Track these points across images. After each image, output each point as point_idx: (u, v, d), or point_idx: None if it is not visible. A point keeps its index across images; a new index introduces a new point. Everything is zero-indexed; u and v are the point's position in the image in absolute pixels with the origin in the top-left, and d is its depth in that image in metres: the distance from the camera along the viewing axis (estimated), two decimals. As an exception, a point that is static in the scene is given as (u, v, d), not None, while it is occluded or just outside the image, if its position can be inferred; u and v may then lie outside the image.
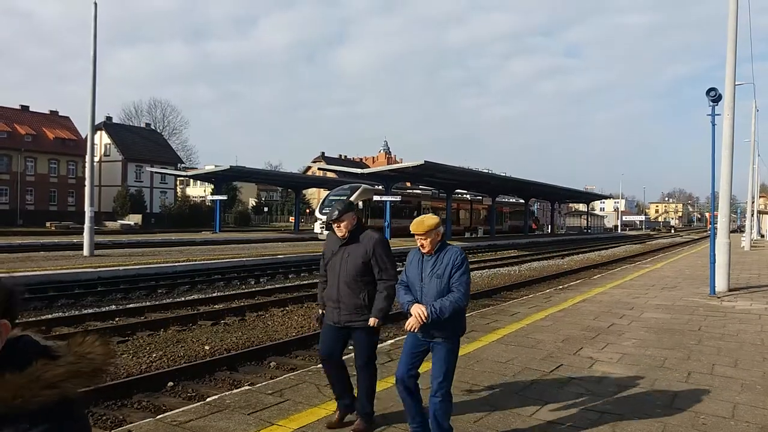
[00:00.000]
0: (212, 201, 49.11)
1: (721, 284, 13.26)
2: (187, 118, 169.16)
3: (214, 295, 14.04)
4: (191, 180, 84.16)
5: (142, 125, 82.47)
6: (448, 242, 4.32)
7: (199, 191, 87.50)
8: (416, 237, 4.20)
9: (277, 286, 15.84)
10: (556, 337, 8.11)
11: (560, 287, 14.81)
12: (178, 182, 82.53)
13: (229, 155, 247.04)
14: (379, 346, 7.56)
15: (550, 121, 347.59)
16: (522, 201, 65.15)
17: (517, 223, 64.91)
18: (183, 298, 13.54)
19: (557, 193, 64.14)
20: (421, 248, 4.21)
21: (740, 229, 65.34)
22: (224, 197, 48.54)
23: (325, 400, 5.22)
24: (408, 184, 53.69)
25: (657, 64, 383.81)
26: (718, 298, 12.50)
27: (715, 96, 12.74)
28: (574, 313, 10.34)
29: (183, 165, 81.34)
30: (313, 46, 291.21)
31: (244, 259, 20.52)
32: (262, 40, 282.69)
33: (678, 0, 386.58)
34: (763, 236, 61.65)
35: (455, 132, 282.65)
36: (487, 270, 21.98)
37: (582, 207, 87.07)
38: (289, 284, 16.28)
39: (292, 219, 64.12)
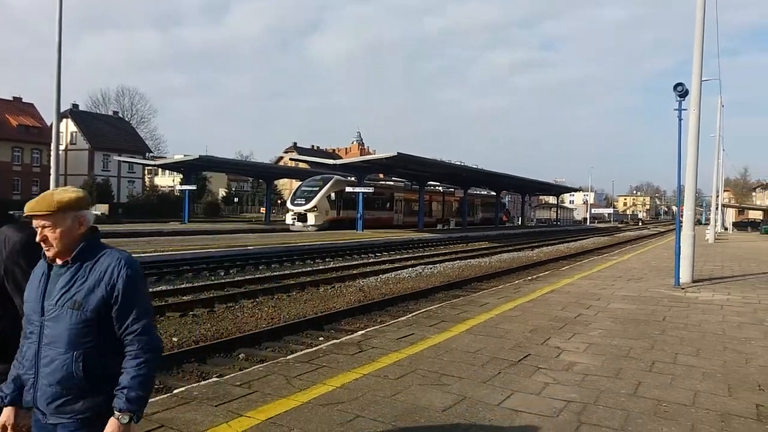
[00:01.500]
0: (181, 191, 48.48)
1: (685, 276, 13.55)
2: (156, 106, 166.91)
3: (183, 286, 13.86)
4: (160, 169, 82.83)
5: (110, 113, 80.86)
6: (108, 245, 2.51)
7: (167, 181, 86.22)
8: (35, 225, 2.35)
9: (247, 277, 15.71)
10: (525, 327, 8.20)
11: (530, 278, 14.98)
12: (146, 172, 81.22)
13: (198, 145, 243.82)
14: (349, 337, 7.60)
15: (524, 115, 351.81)
16: (493, 193, 65.75)
17: (489, 215, 65.54)
18: (150, 289, 13.32)
19: (528, 186, 64.92)
20: (45, 251, 2.36)
21: (700, 222, 67.06)
22: (193, 187, 47.93)
23: (294, 391, 5.20)
24: (381, 176, 53.71)
25: (632, 59, 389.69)
26: (683, 289, 12.78)
27: (681, 91, 12.96)
28: (543, 303, 10.47)
29: (151, 154, 79.94)
30: (287, 34, 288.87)
31: (214, 250, 20.30)
32: (235, 27, 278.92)
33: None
34: (726, 229, 63.32)
35: (429, 124, 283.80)
36: (458, 261, 22.15)
37: (552, 199, 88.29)
38: (260, 276, 16.16)
39: (263, 210, 63.64)
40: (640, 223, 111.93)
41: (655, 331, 8.19)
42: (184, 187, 46.28)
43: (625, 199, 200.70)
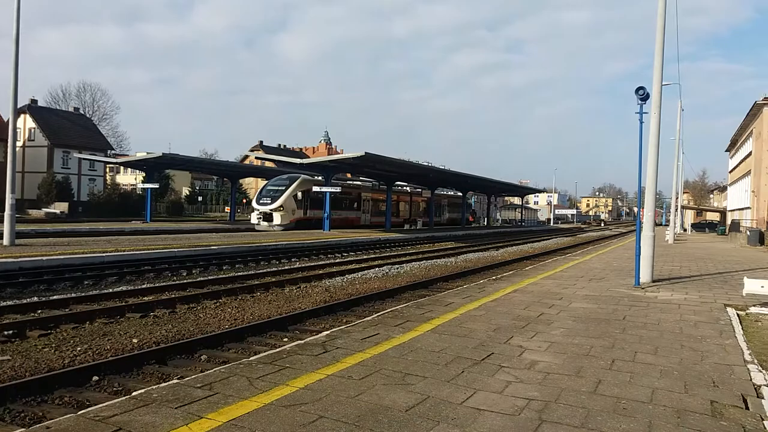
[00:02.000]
0: (143, 189, 47.52)
1: (645, 276, 13.86)
2: (118, 102, 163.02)
3: (144, 286, 13.58)
4: (122, 167, 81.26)
5: (70, 109, 78.72)
6: None
7: (129, 179, 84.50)
8: None
9: (210, 277, 15.48)
10: (489, 327, 8.27)
11: (494, 278, 15.12)
12: (107, 169, 79.43)
13: (162, 142, 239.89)
14: (313, 337, 7.55)
15: (490, 116, 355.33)
16: (460, 194, 66.26)
17: (455, 216, 66.01)
18: (111, 290, 13.03)
19: (493, 187, 65.56)
20: None
21: (660, 223, 68.79)
22: (156, 185, 47.00)
23: (256, 392, 5.14)
24: (348, 176, 53.58)
25: (594, 62, 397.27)
26: (642, 288, 13.07)
27: (643, 95, 13.26)
28: (506, 303, 10.58)
29: (113, 152, 78.20)
30: (253, 32, 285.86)
31: (176, 249, 19.95)
32: (200, 23, 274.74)
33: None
34: (685, 230, 65.05)
35: (397, 124, 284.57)
36: (425, 261, 22.24)
37: (517, 200, 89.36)
38: (223, 276, 15.93)
39: (227, 209, 62.89)
40: (603, 224, 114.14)
41: (615, 330, 8.35)
42: (147, 185, 45.36)
43: (588, 200, 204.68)
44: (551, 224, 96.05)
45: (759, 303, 10.89)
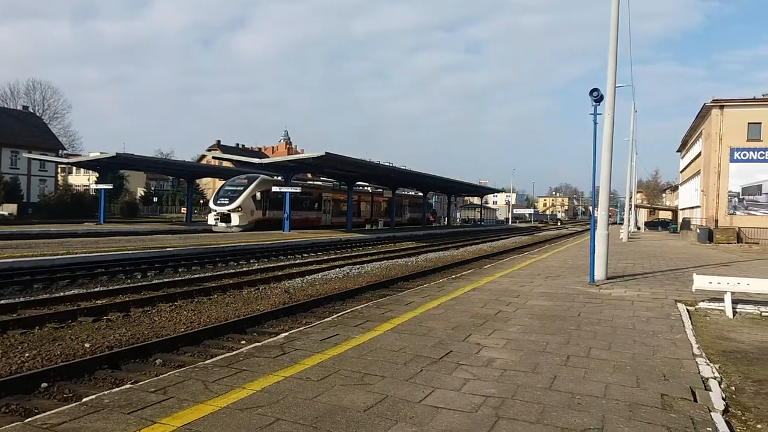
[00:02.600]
0: (97, 190, 46.22)
1: (599, 273, 14.18)
2: (70, 101, 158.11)
3: (97, 289, 13.21)
4: (74, 168, 78.78)
5: (19, 108, 75.95)
6: None
7: (82, 180, 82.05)
8: None
9: (165, 280, 15.13)
10: (447, 325, 8.33)
11: (453, 277, 15.25)
12: (59, 170, 76.93)
13: (116, 142, 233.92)
14: (271, 339, 7.46)
15: (451, 117, 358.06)
16: (421, 194, 66.63)
17: (416, 215, 66.34)
18: (62, 294, 12.62)
19: (453, 187, 66.17)
20: None
21: (615, 222, 70.59)
22: (110, 186, 45.78)
23: (212, 396, 5.05)
24: (309, 176, 53.26)
25: (552, 64, 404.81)
26: (597, 286, 13.37)
27: (597, 96, 13.56)
28: (465, 301, 10.68)
29: (65, 152, 75.72)
30: (210, 30, 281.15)
31: (131, 251, 19.47)
32: (156, 20, 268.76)
33: (570, 2, 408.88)
34: (639, 228, 66.89)
35: (359, 124, 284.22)
36: (386, 261, 22.26)
37: (476, 200, 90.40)
38: (179, 278, 15.60)
39: (184, 210, 61.62)
40: (559, 223, 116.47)
41: (570, 327, 8.51)
42: (100, 186, 44.15)
43: (545, 199, 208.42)
44: (509, 223, 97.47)
45: (707, 298, 11.27)
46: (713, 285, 10.95)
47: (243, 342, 8.84)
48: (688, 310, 10.41)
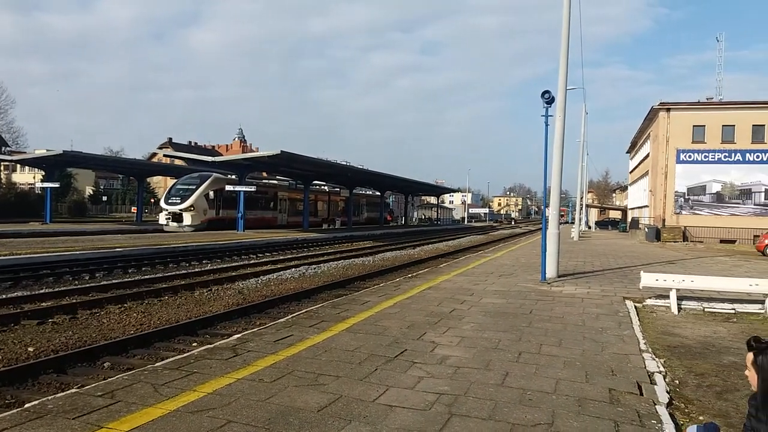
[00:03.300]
0: (42, 189, 44.59)
1: (551, 271, 14.48)
2: (14, 96, 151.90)
3: (42, 291, 12.73)
4: (18, 165, 75.60)
5: (-42, 102, 72.56)
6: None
7: (27, 178, 78.88)
8: None
9: (114, 281, 14.71)
10: (403, 324, 8.36)
11: (410, 276, 15.33)
12: (2, 167, 73.86)
13: (63, 139, 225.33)
14: (224, 341, 7.34)
15: (408, 117, 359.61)
16: (378, 193, 66.71)
17: (374, 215, 66.42)
18: (4, 296, 12.11)
19: (411, 187, 66.55)
20: None
21: (567, 221, 72.22)
22: (56, 185, 44.23)
23: (161, 399, 4.93)
24: (264, 175, 52.63)
25: (506, 66, 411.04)
26: (548, 283, 13.65)
27: (548, 98, 13.83)
28: (421, 300, 10.74)
29: (8, 149, 72.77)
30: (163, 25, 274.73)
31: (78, 252, 18.85)
32: (105, 14, 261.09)
33: (525, 4, 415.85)
34: (590, 227, 68.61)
35: (316, 123, 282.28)
36: (343, 260, 22.20)
37: (433, 200, 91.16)
38: (129, 279, 15.19)
39: (134, 209, 60.05)
40: (513, 222, 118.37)
41: (522, 324, 8.66)
42: (46, 184, 42.59)
43: (500, 199, 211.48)
44: (465, 223, 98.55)
45: (654, 295, 11.64)
46: (659, 282, 11.33)
47: (194, 344, 8.66)
48: (635, 307, 10.73)
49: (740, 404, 5.55)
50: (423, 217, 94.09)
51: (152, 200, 73.68)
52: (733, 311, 10.79)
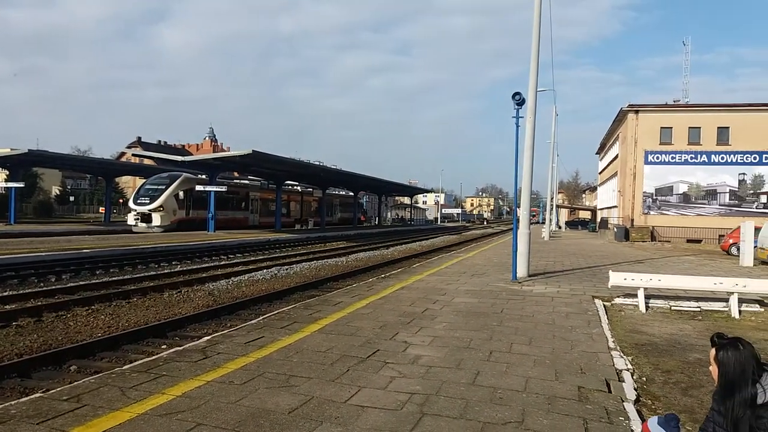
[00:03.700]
0: (6, 189, 43.49)
1: (522, 271, 14.63)
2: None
3: (5, 294, 12.40)
4: (-19, 165, 73.72)
5: None
6: None
7: (-9, 178, 76.98)
8: None
9: (81, 283, 14.40)
10: (375, 324, 8.36)
11: (383, 276, 15.33)
12: (-36, 167, 71.87)
13: (29, 138, 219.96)
14: (193, 343, 7.25)
15: (381, 117, 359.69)
16: (352, 193, 66.57)
17: (347, 215, 66.27)
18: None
19: (384, 187, 66.55)
20: None
21: (538, 221, 73.06)
22: (21, 185, 43.15)
23: (129, 402, 4.85)
24: (236, 175, 52.09)
25: (478, 67, 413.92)
26: (519, 283, 13.79)
27: (519, 100, 13.97)
28: (393, 300, 10.75)
29: (-30, 148, 70.90)
30: (131, 22, 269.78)
31: (44, 253, 18.42)
32: (72, 10, 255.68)
33: (497, 6, 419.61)
34: (560, 227, 69.51)
35: (289, 122, 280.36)
36: (315, 261, 22.10)
37: (407, 200, 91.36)
38: (96, 281, 14.90)
39: (102, 210, 58.95)
40: (485, 223, 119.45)
41: (493, 323, 8.73)
42: (11, 184, 41.56)
43: (473, 200, 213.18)
44: (438, 223, 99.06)
45: (622, 294, 11.84)
46: (628, 281, 11.52)
47: (163, 346, 8.54)
48: (604, 306, 10.90)
49: (704, 400, 5.67)
50: (396, 217, 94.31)
51: (121, 200, 72.34)
52: (698, 309, 11.03)
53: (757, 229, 22.47)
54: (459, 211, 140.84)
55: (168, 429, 4.29)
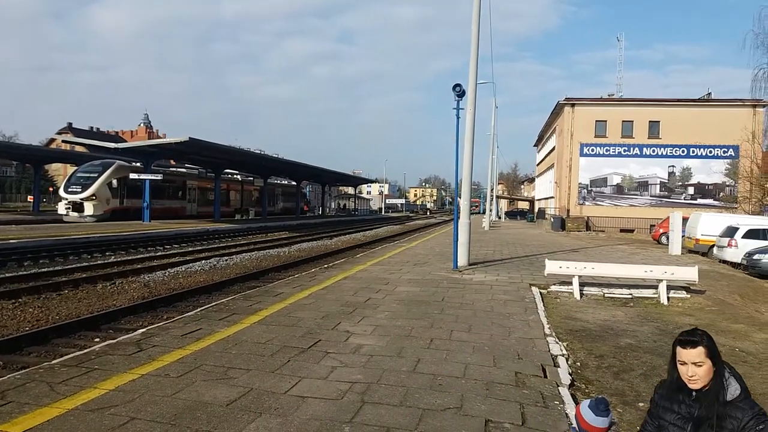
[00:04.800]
0: (-75, 176, 40.85)
1: (462, 260, 14.87)
2: None
3: None
4: None
5: None
6: None
7: None
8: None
9: (7, 275, 13.70)
10: (317, 314, 8.32)
11: (326, 266, 15.26)
12: None
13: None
14: (127, 336, 7.02)
15: (325, 106, 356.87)
16: (294, 183, 65.86)
17: (290, 205, 65.52)
18: None
19: (328, 176, 66.18)
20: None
21: (479, 212, 74.42)
22: (-59, 172, 40.69)
23: (58, 398, 4.65)
24: (172, 163, 50.60)
25: (422, 58, 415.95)
26: (460, 272, 14.01)
27: (459, 92, 14.12)
28: (336, 290, 10.73)
29: None
30: (61, 2, 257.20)
31: (-33, 244, 17.43)
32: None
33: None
34: (500, 218, 71.01)
35: (229, 109, 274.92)
36: (257, 252, 21.77)
37: (351, 190, 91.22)
38: (24, 273, 14.20)
39: (31, 198, 56.27)
40: (429, 213, 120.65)
41: (435, 311, 8.84)
42: (-72, 171, 39.10)
43: (416, 190, 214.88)
44: (383, 213, 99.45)
45: (558, 282, 12.21)
46: (563, 269, 11.90)
47: (96, 339, 8.24)
48: (541, 293, 11.21)
49: (634, 383, 5.94)
50: (340, 207, 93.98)
51: (51, 189, 69.25)
52: (630, 296, 11.52)
53: (685, 220, 23.66)
54: (403, 201, 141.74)
55: (100, 424, 4.14)
